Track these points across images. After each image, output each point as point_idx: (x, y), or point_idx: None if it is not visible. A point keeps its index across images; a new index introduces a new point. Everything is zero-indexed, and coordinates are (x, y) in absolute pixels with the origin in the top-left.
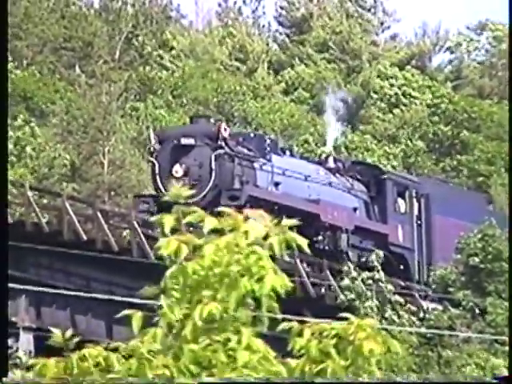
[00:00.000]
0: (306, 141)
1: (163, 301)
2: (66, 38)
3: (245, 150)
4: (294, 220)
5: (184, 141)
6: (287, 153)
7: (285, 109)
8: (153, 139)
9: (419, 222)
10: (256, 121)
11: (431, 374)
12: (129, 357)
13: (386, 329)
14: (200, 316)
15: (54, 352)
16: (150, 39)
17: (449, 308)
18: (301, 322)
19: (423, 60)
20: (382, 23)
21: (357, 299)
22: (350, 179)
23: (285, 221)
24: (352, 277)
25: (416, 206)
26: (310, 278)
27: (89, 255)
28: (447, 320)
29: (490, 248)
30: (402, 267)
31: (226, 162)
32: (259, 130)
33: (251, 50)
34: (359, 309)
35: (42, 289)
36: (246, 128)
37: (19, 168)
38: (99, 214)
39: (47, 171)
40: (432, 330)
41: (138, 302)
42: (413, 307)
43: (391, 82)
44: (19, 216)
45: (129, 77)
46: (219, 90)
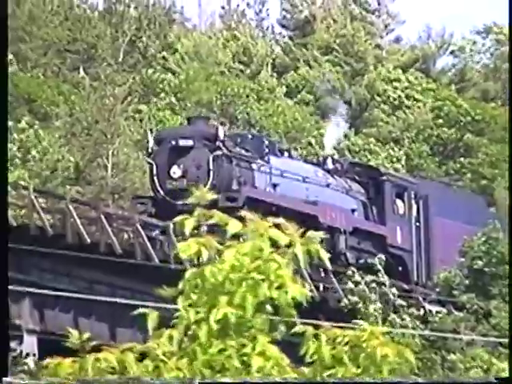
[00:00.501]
0: (310, 143)
1: (180, 303)
2: (70, 41)
3: (243, 152)
4: (321, 232)
5: (182, 142)
6: (285, 154)
7: (288, 111)
8: (151, 140)
9: (418, 224)
10: (259, 123)
11: (434, 377)
12: (142, 358)
13: (391, 332)
14: (214, 319)
15: (59, 354)
16: (154, 42)
17: (452, 311)
18: (314, 326)
19: (427, 63)
20: (387, 26)
21: (361, 302)
22: (349, 180)
23: (310, 232)
24: (355, 280)
25: (415, 208)
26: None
27: (92, 258)
28: (451, 323)
29: (494, 251)
30: (401, 269)
31: (224, 164)
32: (263, 133)
33: (255, 53)
34: (363, 312)
35: (46, 291)
36: (250, 131)
37: (21, 169)
38: (103, 217)
39: (51, 174)
40: (436, 333)
41: (142, 305)
42: (416, 310)
43: (395, 85)
44: (23, 219)
45: (133, 79)
46: (223, 93)
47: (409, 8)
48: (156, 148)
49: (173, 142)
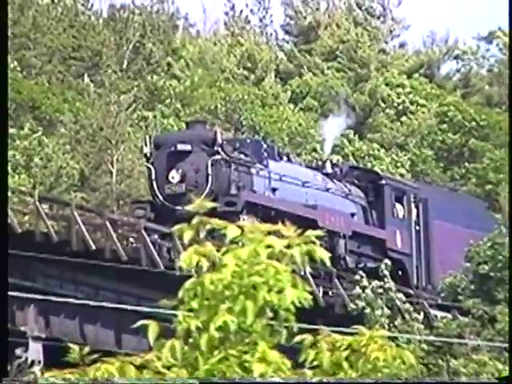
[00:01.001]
0: (315, 149)
1: (180, 312)
2: (75, 48)
3: (241, 156)
4: (319, 231)
5: (180, 146)
6: (284, 158)
7: (293, 117)
8: (149, 145)
9: (417, 228)
10: (264, 129)
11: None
12: (142, 367)
13: (396, 337)
14: (215, 327)
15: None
16: (158, 48)
17: (458, 316)
18: (315, 331)
19: (432, 68)
20: (391, 31)
21: (367, 308)
22: (348, 184)
23: (308, 232)
24: (363, 285)
25: (414, 212)
26: (319, 287)
27: (98, 264)
28: (456, 328)
29: (500, 256)
30: (400, 273)
31: (223, 168)
32: (267, 139)
33: (259, 59)
34: (370, 318)
35: (51, 298)
36: (254, 136)
37: (24, 175)
38: (108, 223)
39: (55, 181)
40: (441, 338)
41: (148, 311)
42: (420, 316)
43: (399, 91)
44: (28, 226)
45: (137, 86)
46: (227, 99)
47: (414, 13)
48: (155, 153)
49: (171, 147)
